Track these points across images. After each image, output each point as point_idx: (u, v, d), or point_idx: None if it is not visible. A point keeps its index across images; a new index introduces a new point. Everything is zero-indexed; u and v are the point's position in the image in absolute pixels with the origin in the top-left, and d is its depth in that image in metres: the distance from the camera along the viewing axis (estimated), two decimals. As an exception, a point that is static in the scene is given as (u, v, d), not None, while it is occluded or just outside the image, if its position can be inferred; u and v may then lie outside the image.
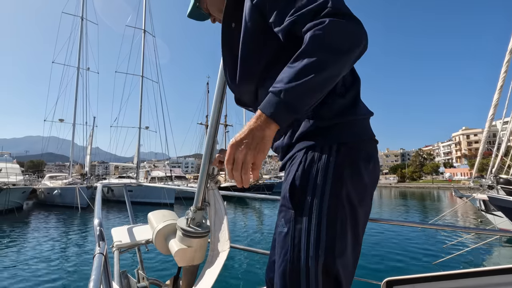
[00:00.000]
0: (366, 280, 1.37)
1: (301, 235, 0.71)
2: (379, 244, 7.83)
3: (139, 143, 24.63)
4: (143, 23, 25.81)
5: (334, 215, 0.71)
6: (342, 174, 0.72)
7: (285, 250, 0.73)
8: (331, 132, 0.75)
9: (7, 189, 16.06)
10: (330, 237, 0.70)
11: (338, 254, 0.71)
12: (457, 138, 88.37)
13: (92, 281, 0.60)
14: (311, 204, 0.72)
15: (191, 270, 1.34)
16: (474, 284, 1.14)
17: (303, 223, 0.72)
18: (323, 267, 0.69)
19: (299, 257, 0.71)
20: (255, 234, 10.23)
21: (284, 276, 0.72)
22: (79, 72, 26.20)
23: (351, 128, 0.77)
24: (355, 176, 0.74)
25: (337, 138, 0.75)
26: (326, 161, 0.72)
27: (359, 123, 0.79)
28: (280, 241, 0.75)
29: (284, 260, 0.73)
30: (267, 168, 50.92)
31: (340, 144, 0.74)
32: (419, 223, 4.51)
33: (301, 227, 0.72)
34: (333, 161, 0.72)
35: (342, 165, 0.72)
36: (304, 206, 0.72)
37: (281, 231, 0.75)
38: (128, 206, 1.97)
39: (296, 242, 0.72)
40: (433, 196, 34.62)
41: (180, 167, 66.67)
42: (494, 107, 9.58)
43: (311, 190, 0.72)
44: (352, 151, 0.75)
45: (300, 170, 0.74)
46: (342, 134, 0.75)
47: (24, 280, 5.64)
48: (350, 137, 0.75)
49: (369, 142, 0.80)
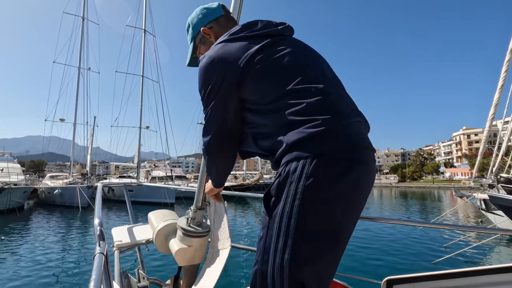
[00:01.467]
0: (366, 279, 1.37)
1: (271, 241, 0.76)
2: (379, 243, 7.82)
3: (140, 143, 24.64)
4: (143, 23, 25.82)
5: (303, 223, 0.73)
6: (314, 184, 0.73)
7: (257, 254, 0.80)
8: (308, 144, 0.76)
9: (8, 188, 16.06)
10: (297, 245, 0.73)
11: (306, 261, 0.73)
12: (458, 138, 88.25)
13: (92, 281, 0.60)
14: (282, 212, 0.75)
15: (191, 269, 1.34)
16: (474, 283, 1.14)
17: (273, 230, 0.76)
18: (288, 273, 0.73)
19: (267, 262, 0.76)
20: (255, 233, 10.24)
21: (255, 278, 0.78)
22: (80, 72, 26.18)
23: (328, 138, 0.76)
24: (330, 184, 0.74)
25: (313, 149, 0.75)
26: (300, 172, 0.74)
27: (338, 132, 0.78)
28: (257, 245, 0.82)
29: (256, 263, 0.79)
30: (267, 168, 50.93)
31: (316, 155, 0.74)
32: (420, 222, 4.51)
33: (271, 233, 0.77)
34: (307, 171, 0.74)
35: (316, 175, 0.73)
36: (276, 214, 0.76)
37: (259, 235, 0.81)
38: (129, 206, 1.97)
39: (266, 247, 0.77)
40: (433, 195, 34.59)
41: (181, 167, 66.66)
42: (494, 106, 9.56)
43: (284, 199, 0.76)
44: (329, 160, 0.75)
45: (277, 180, 0.79)
46: (319, 145, 0.76)
47: (25, 279, 5.65)
48: (326, 147, 0.75)
49: (351, 149, 0.78)
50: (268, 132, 0.86)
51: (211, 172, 1.07)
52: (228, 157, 0.99)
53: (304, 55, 0.92)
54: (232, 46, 0.90)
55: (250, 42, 0.89)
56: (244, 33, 0.92)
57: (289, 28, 0.99)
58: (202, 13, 1.10)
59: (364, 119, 0.89)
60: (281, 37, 0.94)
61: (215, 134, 0.94)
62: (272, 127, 0.84)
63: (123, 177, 30.54)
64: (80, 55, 26.33)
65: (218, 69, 0.89)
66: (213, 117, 0.93)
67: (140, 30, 26.01)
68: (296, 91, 0.82)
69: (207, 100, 0.92)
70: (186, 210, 1.33)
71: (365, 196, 0.83)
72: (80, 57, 26.30)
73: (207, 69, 0.90)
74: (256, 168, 45.90)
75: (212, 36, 1.08)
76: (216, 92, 0.90)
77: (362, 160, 0.79)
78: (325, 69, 0.93)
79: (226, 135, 0.94)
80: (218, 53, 0.89)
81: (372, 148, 0.85)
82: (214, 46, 0.94)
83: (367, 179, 0.81)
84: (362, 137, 0.83)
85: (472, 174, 12.08)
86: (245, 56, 0.86)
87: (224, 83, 0.88)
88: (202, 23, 1.10)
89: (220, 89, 0.89)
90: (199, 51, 1.14)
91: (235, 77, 0.87)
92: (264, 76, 0.85)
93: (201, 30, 1.09)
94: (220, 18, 1.10)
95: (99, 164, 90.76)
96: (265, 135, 0.87)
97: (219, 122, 0.93)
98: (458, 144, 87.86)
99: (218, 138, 0.95)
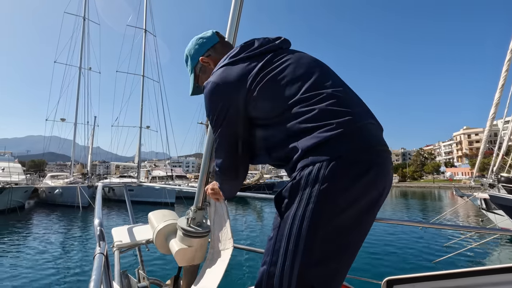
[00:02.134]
0: (366, 279, 1.37)
1: (281, 242, 0.76)
2: (379, 243, 7.82)
3: (140, 143, 24.63)
4: (144, 23, 25.80)
5: (316, 227, 0.73)
6: (330, 188, 0.73)
7: (266, 254, 0.79)
8: (324, 148, 0.76)
9: (9, 188, 16.09)
10: (308, 248, 0.72)
11: (317, 265, 0.73)
12: (458, 138, 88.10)
13: (92, 281, 0.60)
14: (294, 215, 0.75)
15: (191, 269, 1.34)
16: (474, 283, 1.14)
17: (284, 232, 0.76)
18: (297, 276, 0.72)
19: (276, 263, 0.75)
20: (255, 233, 10.24)
21: (262, 276, 0.78)
22: (80, 71, 26.18)
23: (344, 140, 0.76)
24: (346, 188, 0.74)
25: (330, 152, 0.75)
26: (315, 175, 0.74)
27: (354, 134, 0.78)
28: (266, 245, 0.81)
29: (264, 264, 0.79)
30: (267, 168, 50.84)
31: (333, 158, 0.74)
32: (420, 222, 4.51)
33: (282, 234, 0.76)
34: (322, 175, 0.73)
35: (332, 178, 0.73)
36: (289, 216, 0.76)
37: (269, 235, 0.81)
38: (129, 206, 1.97)
39: (276, 248, 0.76)
40: (434, 195, 34.57)
41: (181, 167, 66.65)
42: (495, 106, 9.55)
43: (297, 202, 0.75)
44: (346, 163, 0.74)
45: (290, 183, 0.78)
46: (335, 148, 0.75)
47: (25, 279, 5.66)
48: (343, 150, 0.75)
49: (367, 151, 0.78)
50: (281, 143, 0.85)
51: (224, 189, 1.15)
52: (240, 177, 1.05)
53: (305, 63, 0.92)
54: (234, 69, 0.91)
55: (251, 62, 0.90)
56: (243, 54, 0.93)
57: (286, 41, 1.00)
58: (198, 43, 1.13)
59: (376, 121, 0.89)
60: (280, 50, 0.95)
61: (226, 159, 0.99)
62: (284, 137, 0.84)
63: (124, 176, 30.58)
64: (81, 55, 26.35)
65: (223, 94, 0.90)
66: (222, 143, 0.97)
67: (140, 30, 26.00)
68: (304, 99, 0.82)
69: (215, 126, 0.95)
70: (186, 210, 1.33)
71: (382, 198, 0.82)
72: (81, 57, 26.32)
73: (213, 94, 0.92)
74: (256, 168, 45.88)
75: (211, 63, 1.11)
76: (223, 117, 0.92)
77: (379, 161, 0.79)
78: (329, 74, 0.93)
79: (236, 158, 0.98)
80: (222, 77, 0.91)
81: (389, 151, 0.85)
82: (216, 71, 0.95)
83: (384, 180, 0.80)
84: (378, 139, 0.83)
85: (472, 173, 12.07)
86: (249, 76, 0.87)
87: (231, 107, 0.90)
88: (200, 53, 1.12)
89: (227, 114, 0.91)
90: (200, 80, 1.16)
91: (242, 99, 0.88)
92: (270, 92, 0.86)
93: (200, 59, 1.11)
94: (216, 45, 1.12)
95: (100, 164, 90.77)
96: (278, 146, 0.87)
97: (228, 147, 0.97)
98: (458, 143, 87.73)
99: (228, 162, 1.00)
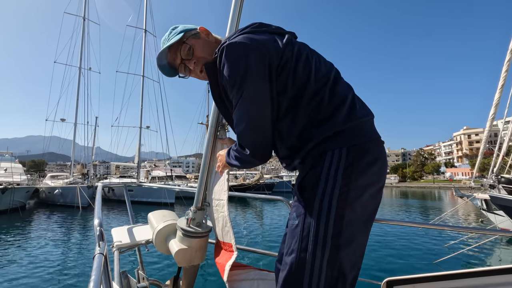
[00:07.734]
0: (366, 280, 1.37)
1: (310, 228, 0.78)
2: (379, 244, 7.81)
3: (140, 143, 24.62)
4: (144, 23, 25.80)
5: (342, 212, 0.76)
6: (351, 173, 0.78)
7: (294, 241, 0.80)
8: (341, 137, 0.81)
9: (11, 188, 16.12)
10: (337, 232, 0.76)
11: (344, 246, 0.76)
12: (458, 138, 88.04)
13: (92, 281, 0.60)
14: (321, 201, 0.78)
15: (191, 270, 1.34)
16: (474, 284, 1.14)
17: (312, 217, 0.78)
18: (328, 259, 0.75)
19: (306, 248, 0.77)
20: (255, 233, 10.23)
21: (291, 265, 0.79)
22: (80, 71, 26.16)
23: (358, 131, 0.82)
24: (364, 174, 0.79)
25: (347, 141, 0.80)
26: (337, 161, 0.78)
27: (363, 126, 0.84)
28: (290, 233, 0.83)
29: (292, 252, 0.80)
30: (267, 167, 50.85)
31: (350, 146, 0.79)
32: (420, 223, 4.51)
33: (310, 221, 0.78)
34: (344, 160, 0.78)
35: (352, 165, 0.78)
36: (315, 202, 0.78)
37: (292, 223, 0.83)
38: (128, 206, 1.97)
39: (305, 234, 0.78)
40: (434, 195, 34.54)
41: (181, 167, 66.72)
42: (495, 106, 9.53)
43: (322, 187, 0.78)
44: (361, 152, 0.80)
45: (311, 171, 0.81)
46: (350, 137, 0.81)
47: (25, 279, 5.65)
48: (358, 139, 0.81)
49: (375, 143, 0.85)
50: (296, 129, 0.85)
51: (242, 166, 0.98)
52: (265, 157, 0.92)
53: (316, 55, 0.94)
54: (263, 36, 0.85)
55: (276, 37, 0.88)
56: (264, 29, 0.91)
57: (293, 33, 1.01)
58: None
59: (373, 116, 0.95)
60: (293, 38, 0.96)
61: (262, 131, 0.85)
62: (301, 124, 0.84)
63: (124, 177, 30.55)
64: (81, 55, 26.33)
65: (260, 50, 0.80)
66: (254, 108, 0.82)
67: (140, 30, 26.01)
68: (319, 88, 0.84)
69: (247, 82, 0.79)
70: (186, 211, 1.33)
71: (383, 185, 0.88)
72: (81, 57, 26.30)
73: (244, 48, 0.79)
74: (256, 168, 45.90)
75: (211, 37, 1.04)
76: (256, 76, 0.79)
77: (383, 152, 0.87)
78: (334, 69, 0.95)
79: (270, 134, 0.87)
80: (254, 38, 0.82)
81: None
82: (238, 35, 0.84)
83: (385, 170, 0.88)
84: (378, 133, 0.90)
85: (472, 174, 12.05)
86: (283, 45, 0.84)
87: (267, 67, 0.80)
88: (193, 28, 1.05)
89: (264, 69, 0.80)
90: (183, 49, 0.99)
91: (275, 65, 0.82)
92: (294, 72, 0.84)
93: (199, 28, 1.04)
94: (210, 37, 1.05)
95: (100, 164, 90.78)
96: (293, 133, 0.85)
97: (263, 115, 0.83)
98: (458, 144, 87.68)
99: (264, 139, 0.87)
